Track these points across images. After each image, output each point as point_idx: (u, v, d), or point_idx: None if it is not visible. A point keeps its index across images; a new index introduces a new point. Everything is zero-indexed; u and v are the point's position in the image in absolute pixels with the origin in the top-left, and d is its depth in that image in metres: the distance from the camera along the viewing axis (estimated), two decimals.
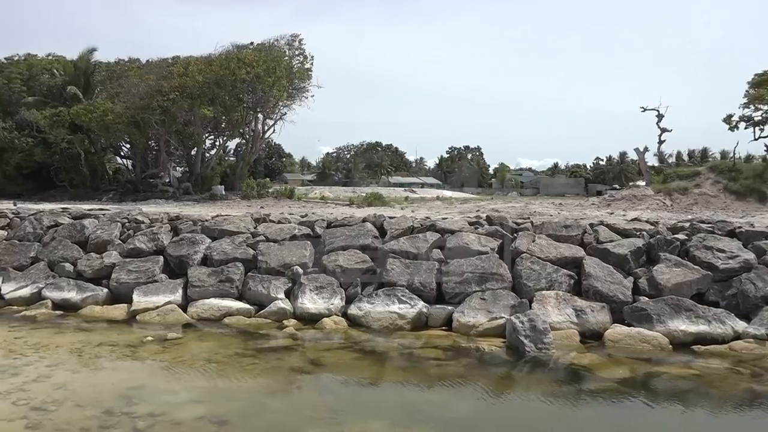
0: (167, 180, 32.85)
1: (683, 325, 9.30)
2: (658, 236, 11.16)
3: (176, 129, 30.48)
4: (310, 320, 10.33)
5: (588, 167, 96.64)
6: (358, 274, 11.00)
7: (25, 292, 11.67)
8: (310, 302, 10.58)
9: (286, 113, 33.06)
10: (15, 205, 19.36)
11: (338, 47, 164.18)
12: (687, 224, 12.16)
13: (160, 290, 11.20)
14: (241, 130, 33.88)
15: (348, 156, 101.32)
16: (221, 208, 20.26)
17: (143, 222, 13.38)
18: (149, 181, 32.66)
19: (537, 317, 9.11)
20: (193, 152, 32.96)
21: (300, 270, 11.17)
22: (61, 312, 11.09)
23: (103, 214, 14.30)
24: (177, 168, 37.64)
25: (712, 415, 6.98)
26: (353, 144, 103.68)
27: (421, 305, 10.25)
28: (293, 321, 10.32)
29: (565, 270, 10.58)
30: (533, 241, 11.24)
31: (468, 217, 13.71)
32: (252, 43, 31.14)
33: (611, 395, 7.42)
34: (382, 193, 29.34)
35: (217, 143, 35.63)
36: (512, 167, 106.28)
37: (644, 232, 11.46)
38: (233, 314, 10.62)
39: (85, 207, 17.68)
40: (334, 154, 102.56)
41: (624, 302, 9.91)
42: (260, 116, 32.94)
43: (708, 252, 10.57)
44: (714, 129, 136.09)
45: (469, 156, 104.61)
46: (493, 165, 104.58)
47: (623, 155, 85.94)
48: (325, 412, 6.75)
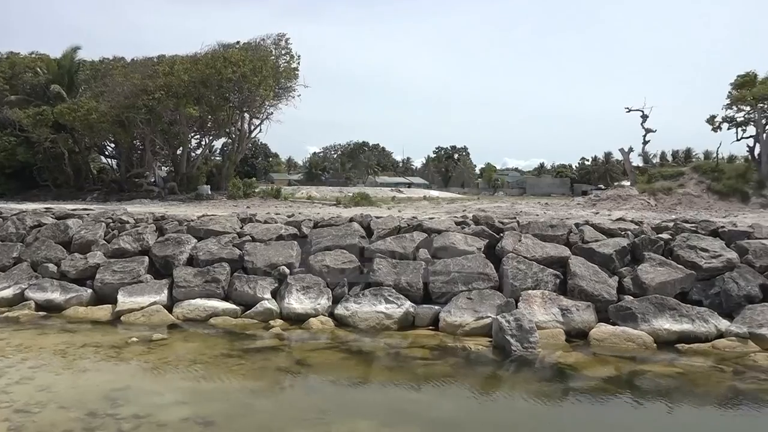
0: (152, 180, 32.63)
1: (667, 324, 9.39)
2: (643, 236, 11.27)
3: (161, 128, 30.30)
4: (297, 320, 10.30)
5: (574, 167, 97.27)
6: (345, 274, 10.99)
7: (8, 293, 11.53)
8: (297, 302, 10.56)
9: (273, 113, 33.11)
10: None
11: (326, 47, 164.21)
12: (671, 224, 12.29)
13: (145, 291, 11.12)
14: (227, 130, 33.74)
15: (335, 156, 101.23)
16: (207, 208, 20.16)
17: (128, 222, 13.28)
18: (134, 181, 32.43)
19: (523, 316, 9.15)
20: (179, 152, 32.76)
21: (286, 270, 11.14)
22: (45, 313, 10.98)
23: (88, 214, 14.17)
24: (162, 168, 37.42)
25: (696, 413, 7.05)
26: (340, 144, 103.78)
27: (408, 305, 10.26)
28: (280, 321, 10.29)
29: (551, 269, 10.65)
30: (519, 241, 11.29)
31: (455, 217, 13.75)
32: (238, 43, 31.05)
33: (596, 394, 7.47)
34: (369, 193, 29.33)
35: (203, 143, 35.51)
36: (499, 167, 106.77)
37: (629, 232, 11.56)
38: (219, 315, 10.56)
39: (69, 207, 17.50)
40: (321, 154, 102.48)
41: (609, 301, 9.99)
42: (246, 116, 32.86)
43: (691, 251, 10.69)
44: (697, 130, 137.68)
45: (456, 156, 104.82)
46: (480, 165, 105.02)
47: (608, 155, 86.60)
48: (312, 413, 6.74)
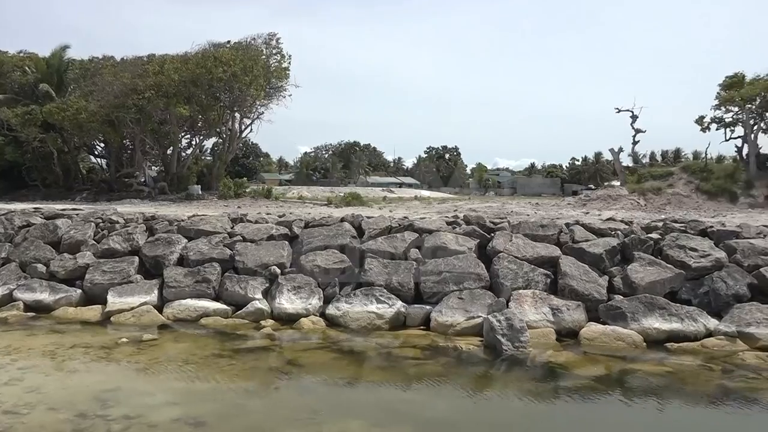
0: (142, 179, 32.43)
1: (657, 323, 9.45)
2: (633, 235, 11.34)
3: (152, 128, 30.12)
4: (288, 320, 10.29)
5: (564, 167, 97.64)
6: (336, 274, 10.99)
7: None
8: (288, 302, 10.54)
9: (264, 112, 33.00)
10: None
11: (317, 47, 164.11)
12: (660, 224, 12.37)
13: (136, 291, 11.07)
14: (218, 130, 33.60)
15: (326, 156, 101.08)
16: (198, 208, 20.07)
17: (118, 222, 13.21)
18: (124, 181, 32.22)
19: (514, 316, 9.19)
20: (169, 151, 32.60)
21: (277, 270, 11.12)
22: (34, 314, 10.91)
23: (77, 214, 14.08)
24: (152, 167, 37.20)
25: (685, 412, 7.10)
26: (331, 143, 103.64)
27: (399, 305, 10.27)
28: (271, 321, 10.27)
29: (542, 269, 10.69)
30: (510, 241, 11.33)
31: (446, 217, 13.77)
32: (229, 42, 30.90)
33: (587, 393, 7.51)
34: (360, 193, 29.32)
35: (194, 142, 35.34)
36: (489, 167, 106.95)
37: (619, 232, 11.63)
38: (210, 315, 10.53)
39: (58, 207, 17.37)
40: (312, 154, 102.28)
41: (599, 301, 10.04)
42: (237, 115, 32.74)
43: (681, 251, 10.76)
44: (686, 130, 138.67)
45: (447, 156, 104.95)
46: (471, 165, 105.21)
47: (598, 156, 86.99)
48: (304, 413, 6.73)
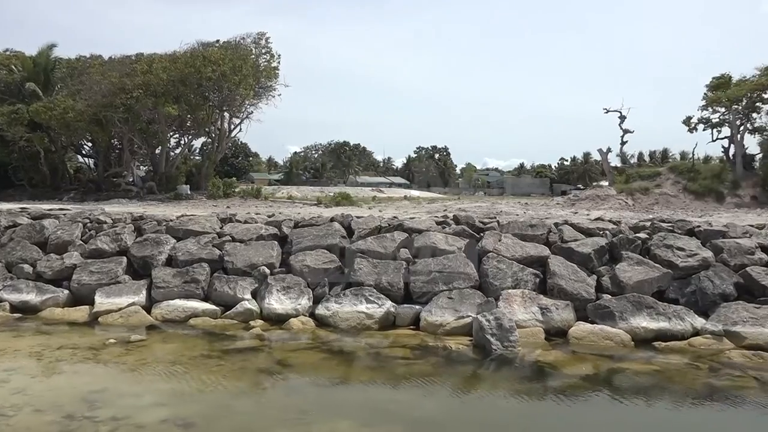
0: (131, 179, 32.23)
1: (644, 322, 9.51)
2: (621, 235, 11.41)
3: (140, 127, 29.97)
4: (277, 321, 10.26)
5: (553, 167, 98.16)
6: (326, 274, 10.96)
7: None
8: (277, 302, 10.51)
9: (253, 112, 32.91)
10: None
11: (308, 46, 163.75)
12: (648, 223, 12.45)
13: (123, 291, 10.99)
14: (207, 129, 33.47)
15: (316, 155, 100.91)
16: (186, 208, 19.97)
17: (106, 222, 13.11)
18: (112, 181, 32.04)
19: (503, 315, 9.21)
20: (158, 151, 32.41)
21: (267, 270, 11.09)
22: (20, 315, 10.80)
23: (64, 214, 13.96)
24: (141, 167, 37.00)
25: (672, 410, 7.14)
26: (321, 143, 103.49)
27: (389, 305, 10.27)
28: (260, 322, 10.24)
29: (531, 269, 10.73)
30: (499, 241, 11.36)
31: (435, 217, 13.79)
32: (218, 41, 30.81)
33: (575, 392, 7.54)
34: (350, 193, 29.29)
35: (182, 142, 35.19)
36: (479, 167, 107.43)
37: (607, 231, 11.70)
38: (199, 315, 10.48)
39: (45, 207, 17.23)
40: (302, 154, 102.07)
41: (588, 300, 10.09)
42: (226, 115, 32.63)
43: (668, 250, 10.84)
44: (674, 130, 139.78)
45: (437, 156, 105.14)
46: (460, 165, 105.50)
47: (587, 156, 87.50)
48: (293, 413, 6.72)
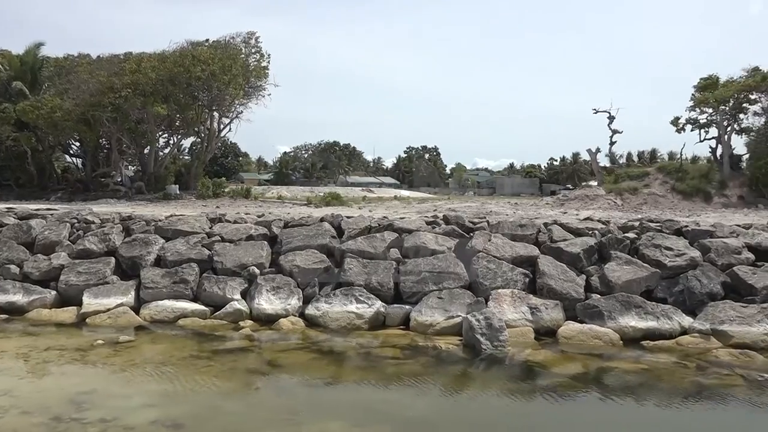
0: (119, 179, 32.00)
1: (633, 321, 9.58)
2: (610, 235, 11.47)
3: (128, 127, 29.77)
4: (267, 321, 10.23)
5: (542, 167, 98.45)
6: (316, 274, 10.95)
7: None
8: (267, 303, 10.48)
9: (243, 112, 32.73)
10: None
11: (297, 45, 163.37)
12: (637, 223, 12.55)
13: (112, 292, 10.92)
14: (196, 129, 33.30)
15: (306, 155, 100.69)
16: (175, 208, 19.86)
17: (94, 222, 13.02)
18: (100, 180, 31.81)
19: (493, 315, 9.24)
20: (146, 151, 32.22)
21: (256, 270, 11.05)
22: (6, 316, 10.69)
23: (51, 214, 13.86)
24: (129, 167, 36.77)
25: (661, 408, 7.19)
26: (311, 143, 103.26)
27: (379, 305, 10.27)
28: (250, 322, 10.21)
29: (521, 269, 10.77)
30: (489, 241, 11.39)
31: (425, 217, 13.81)
32: (207, 41, 30.64)
33: (565, 391, 7.57)
34: (340, 193, 29.26)
35: (171, 142, 34.99)
36: (469, 167, 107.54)
37: (596, 231, 11.77)
38: (188, 316, 10.43)
39: (32, 207, 17.09)
40: (292, 154, 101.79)
41: (577, 299, 10.14)
42: (216, 114, 32.47)
43: (656, 250, 10.92)
44: (662, 131, 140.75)
45: (427, 156, 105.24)
46: (450, 165, 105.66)
47: (576, 156, 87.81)
48: (283, 413, 6.71)
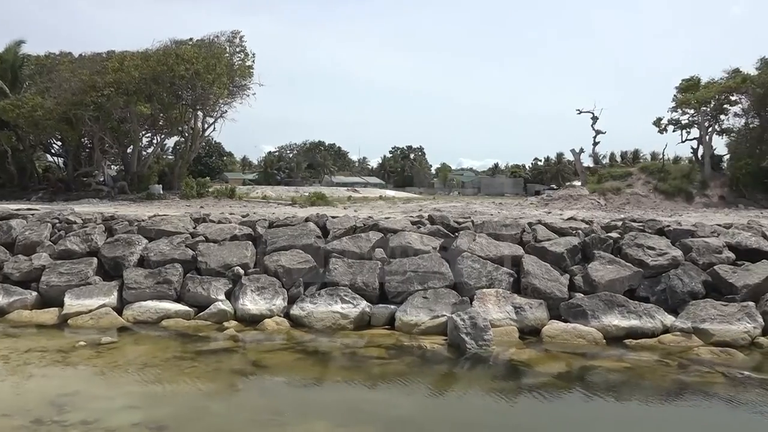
0: (101, 179, 31.65)
1: (616, 320, 9.66)
2: (593, 235, 11.57)
3: (111, 126, 29.46)
4: (252, 321, 10.18)
5: (527, 168, 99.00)
6: (301, 274, 10.92)
7: None
8: (252, 303, 10.43)
9: (227, 111, 32.51)
10: None
11: (282, 44, 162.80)
12: (620, 223, 12.65)
13: (94, 293, 10.80)
14: (180, 128, 33.03)
15: (290, 155, 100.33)
16: (159, 208, 19.71)
17: (75, 222, 12.88)
18: (82, 180, 31.43)
19: (477, 315, 9.27)
20: (129, 150, 31.90)
21: (241, 270, 11.00)
22: None
23: (32, 214, 13.69)
24: (112, 166, 36.37)
25: (643, 406, 7.27)
26: (296, 143, 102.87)
27: (364, 305, 10.26)
28: (234, 322, 10.15)
29: (505, 268, 10.82)
30: (474, 240, 11.43)
31: (410, 217, 13.81)
32: (191, 39, 30.39)
33: (548, 389, 7.63)
34: (325, 193, 29.21)
35: (155, 141, 34.66)
36: (454, 167, 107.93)
37: (580, 231, 11.85)
38: (171, 316, 10.35)
39: (12, 207, 16.82)
40: (277, 153, 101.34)
41: (561, 299, 10.21)
42: (200, 114, 32.24)
43: (639, 249, 11.02)
44: (645, 131, 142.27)
45: (412, 156, 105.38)
46: (435, 165, 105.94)
47: (560, 156, 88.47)
48: (268, 414, 6.68)
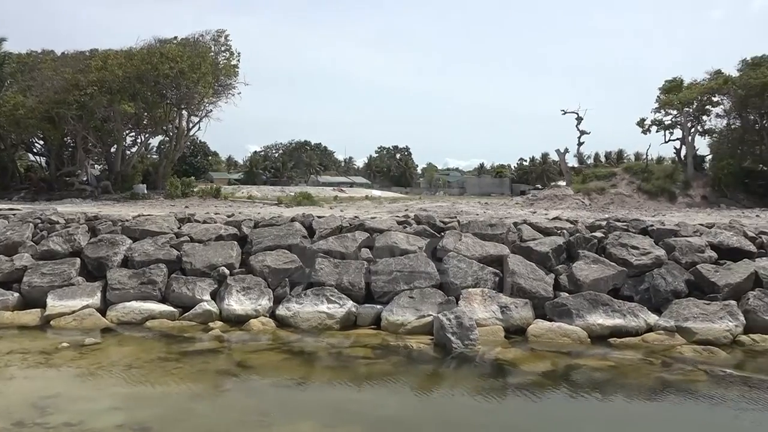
0: (85, 178, 31.35)
1: (600, 319, 9.73)
2: (578, 234, 11.65)
3: (94, 125, 29.23)
4: (237, 322, 10.13)
5: (512, 168, 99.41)
6: (287, 275, 10.88)
7: None
8: (237, 303, 10.38)
9: (212, 110, 32.38)
10: None
11: (268, 43, 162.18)
12: (604, 223, 12.76)
13: (77, 294, 10.68)
14: (165, 127, 32.84)
15: (276, 155, 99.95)
16: (143, 208, 19.57)
17: (58, 222, 12.74)
18: (65, 180, 31.11)
19: (463, 314, 9.30)
20: (113, 149, 31.67)
21: (226, 271, 10.94)
22: None
23: (14, 215, 13.54)
24: (95, 166, 36.05)
25: (627, 404, 7.34)
26: (281, 143, 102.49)
27: (350, 305, 10.25)
28: (219, 323, 10.10)
29: (491, 268, 10.86)
30: (460, 240, 11.46)
31: (396, 217, 13.84)
32: (176, 38, 30.26)
33: (534, 388, 7.66)
34: (311, 193, 29.16)
35: (139, 140, 34.41)
36: (440, 167, 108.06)
37: (565, 231, 11.93)
38: (156, 317, 10.27)
39: None
40: (262, 153, 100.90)
41: (546, 298, 10.27)
42: (185, 113, 32.07)
43: (623, 249, 11.12)
44: (629, 132, 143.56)
45: (398, 156, 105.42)
46: (422, 165, 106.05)
47: (545, 156, 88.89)
48: (253, 415, 6.65)
